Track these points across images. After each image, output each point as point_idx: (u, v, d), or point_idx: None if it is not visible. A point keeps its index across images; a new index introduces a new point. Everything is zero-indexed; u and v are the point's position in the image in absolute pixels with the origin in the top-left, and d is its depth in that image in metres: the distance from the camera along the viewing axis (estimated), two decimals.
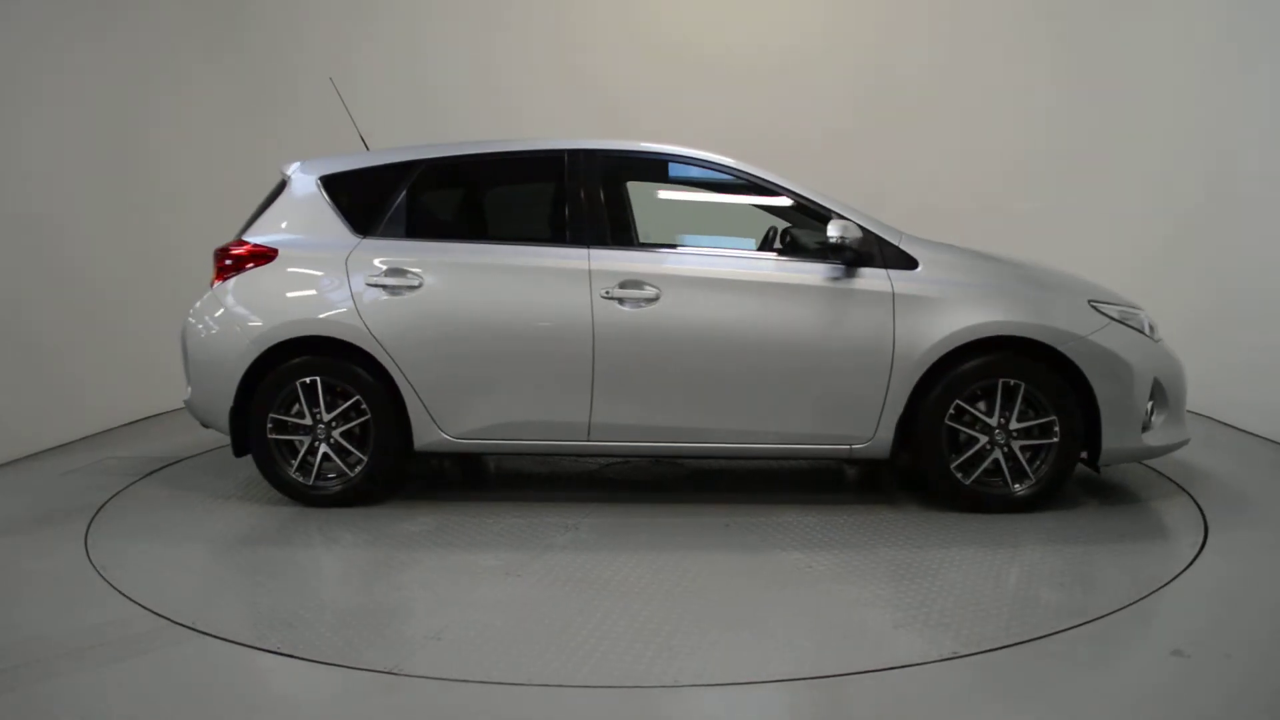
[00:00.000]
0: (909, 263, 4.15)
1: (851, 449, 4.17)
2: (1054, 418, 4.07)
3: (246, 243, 4.37)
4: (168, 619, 3.10)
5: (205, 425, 4.46)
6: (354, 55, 7.19)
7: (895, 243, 4.17)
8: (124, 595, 3.31)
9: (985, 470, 4.14)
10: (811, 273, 4.13)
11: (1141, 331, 4.19)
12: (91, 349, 5.84)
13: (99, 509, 4.30)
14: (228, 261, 4.37)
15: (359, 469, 4.29)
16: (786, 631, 2.99)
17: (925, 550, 3.70)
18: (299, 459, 4.30)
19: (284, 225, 4.40)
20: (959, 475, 4.14)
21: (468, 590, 3.36)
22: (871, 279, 4.11)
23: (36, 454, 5.31)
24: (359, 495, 4.31)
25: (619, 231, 4.30)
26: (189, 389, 4.44)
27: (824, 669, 2.72)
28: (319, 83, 6.70)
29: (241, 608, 3.30)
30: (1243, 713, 2.53)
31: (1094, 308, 4.14)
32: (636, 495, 4.47)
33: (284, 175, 4.53)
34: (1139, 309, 4.30)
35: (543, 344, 4.14)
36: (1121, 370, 4.06)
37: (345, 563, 3.72)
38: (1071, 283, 4.27)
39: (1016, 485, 4.14)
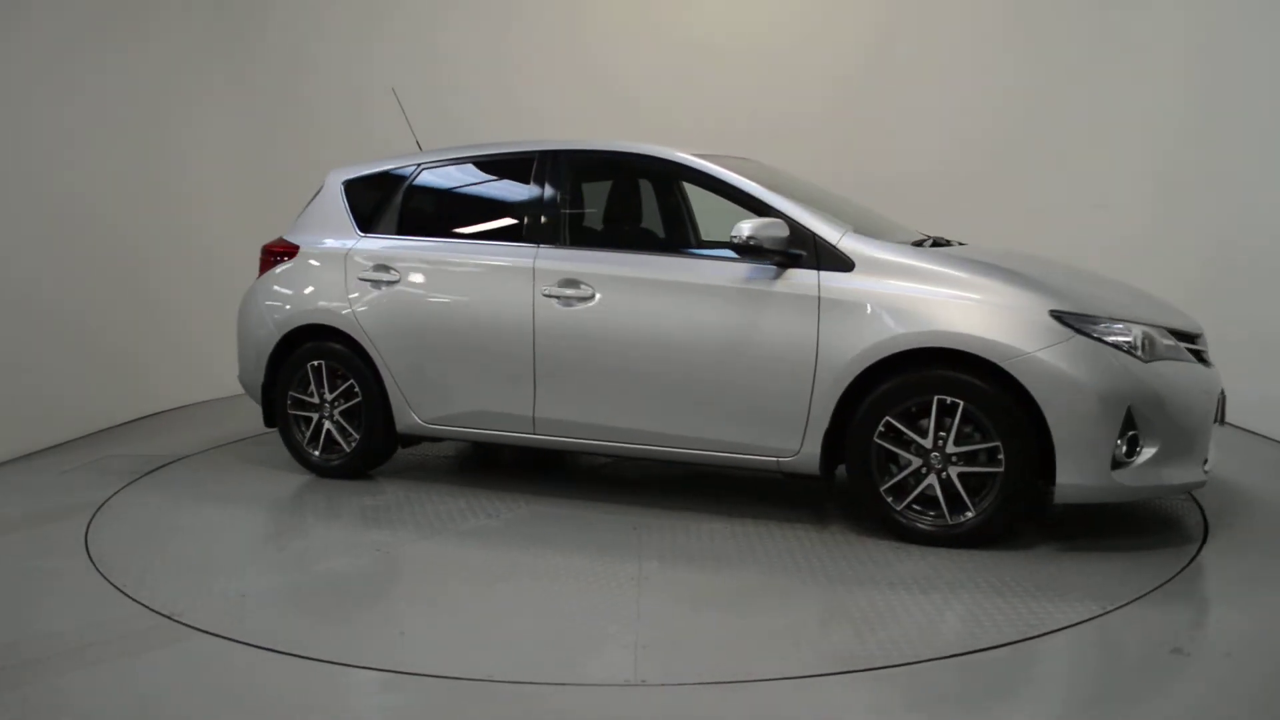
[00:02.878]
0: (845, 264, 3.82)
1: (779, 463, 3.93)
2: (998, 443, 3.56)
3: (281, 241, 4.99)
4: (167, 616, 3.12)
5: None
6: (369, 58, 7.33)
7: (833, 242, 3.86)
8: (124, 593, 3.32)
9: (924, 498, 3.71)
10: (740, 274, 3.93)
11: (1121, 349, 3.52)
12: (92, 349, 5.91)
13: (99, 507, 4.34)
14: (270, 257, 5.02)
15: (354, 446, 4.74)
16: (525, 635, 2.99)
17: (790, 577, 3.43)
18: (309, 433, 4.84)
19: (311, 225, 4.97)
20: (890, 500, 3.75)
21: (323, 560, 3.68)
22: (799, 281, 3.84)
23: (36, 452, 5.34)
24: (355, 469, 4.77)
25: (567, 230, 4.36)
26: (239, 367, 5.14)
27: (496, 674, 2.70)
28: (335, 86, 7.22)
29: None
30: (1243, 711, 2.52)
31: (1056, 318, 3.55)
32: (594, 492, 4.48)
33: (324, 181, 5.10)
34: (1130, 321, 3.61)
35: (495, 338, 4.32)
36: (1078, 393, 3.46)
37: (275, 529, 4.17)
38: (1047, 286, 3.67)
39: (954, 516, 3.67)
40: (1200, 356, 3.92)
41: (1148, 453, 3.53)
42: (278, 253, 4.98)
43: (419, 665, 2.76)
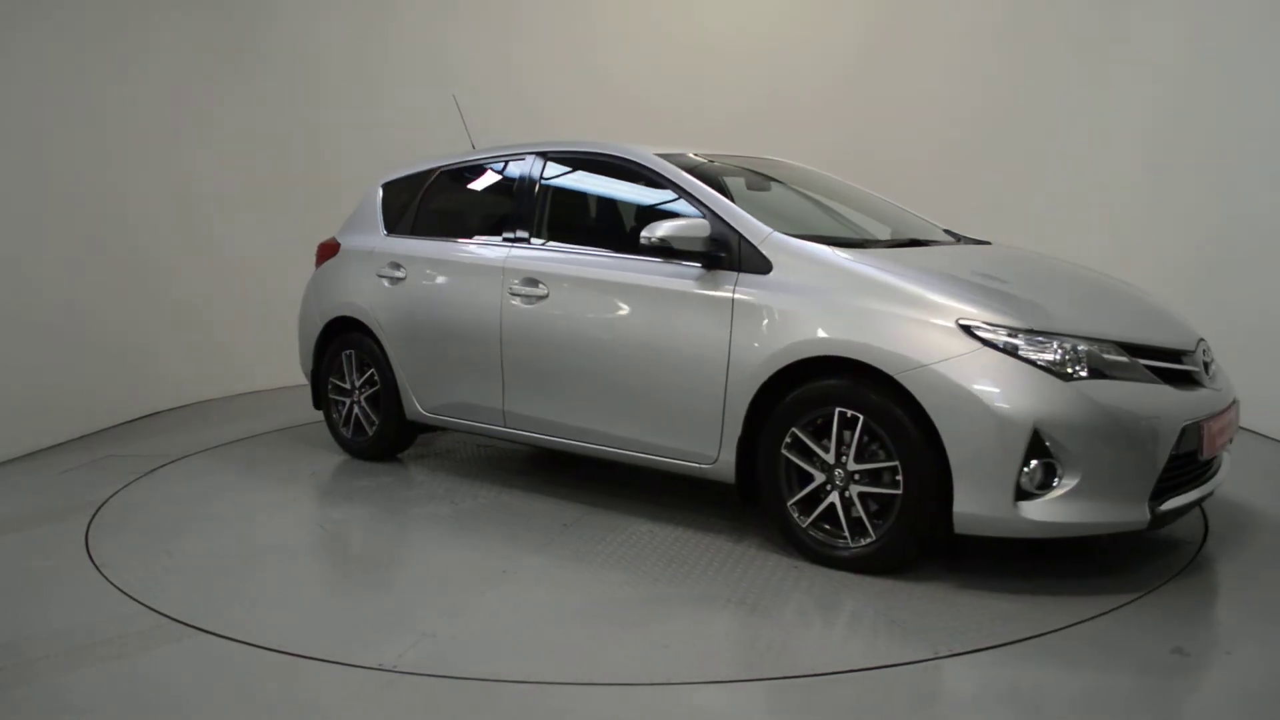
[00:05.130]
0: (764, 266, 3.65)
1: (702, 470, 3.82)
2: (896, 463, 3.28)
3: (332, 239, 5.45)
4: (168, 616, 3.11)
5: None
6: (376, 58, 7.43)
7: (755, 243, 3.69)
8: (124, 593, 3.32)
9: (834, 517, 3.48)
10: (669, 275, 3.86)
11: (1038, 365, 3.12)
12: (93, 348, 5.88)
13: (99, 507, 4.32)
14: (322, 254, 5.49)
15: (373, 429, 5.11)
16: (337, 614, 3.18)
17: (669, 586, 3.34)
18: (344, 416, 5.26)
19: (354, 224, 5.39)
20: (796, 515, 3.55)
21: (261, 531, 4.02)
22: (720, 283, 3.72)
23: (35, 452, 5.32)
24: (380, 452, 5.13)
25: (535, 229, 4.45)
26: (299, 352, 5.65)
27: (288, 646, 2.88)
28: (343, 85, 7.41)
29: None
30: (1243, 710, 2.54)
31: (964, 329, 3.21)
32: (568, 489, 4.53)
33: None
34: (1059, 335, 3.19)
35: (473, 333, 4.51)
36: (977, 412, 3.11)
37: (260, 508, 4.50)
38: (967, 294, 3.32)
39: (855, 539, 3.42)
40: (1188, 377, 3.40)
41: (1067, 484, 3.10)
42: (324, 250, 5.44)
43: (230, 630, 2.99)
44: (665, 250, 3.78)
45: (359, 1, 7.50)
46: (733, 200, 3.91)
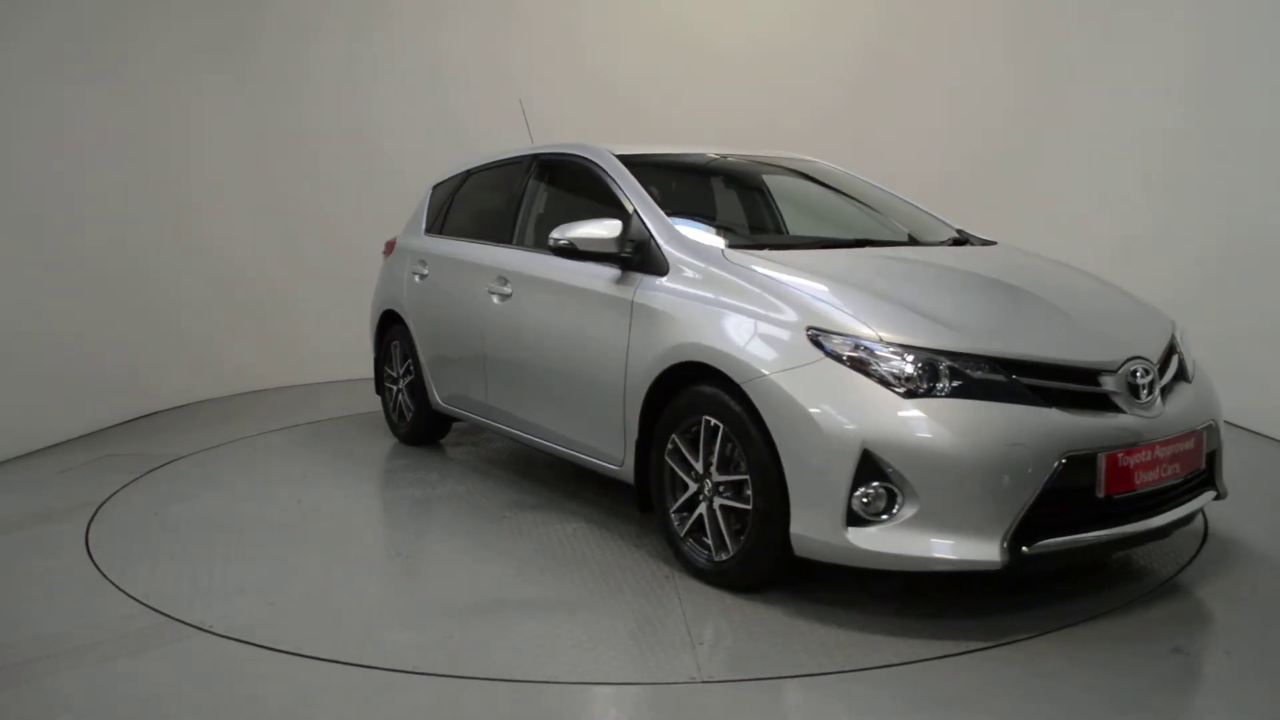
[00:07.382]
0: (663, 268, 3.58)
1: (614, 470, 3.81)
2: (746, 477, 3.13)
3: (393, 238, 5.87)
4: (168, 616, 3.11)
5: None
6: (367, 58, 7.40)
7: (661, 244, 3.62)
8: (124, 592, 3.31)
9: (703, 527, 3.37)
10: (590, 275, 3.87)
11: (884, 379, 2.86)
12: (89, 346, 5.87)
13: (99, 506, 4.32)
14: (387, 250, 5.93)
15: (410, 416, 5.47)
16: (218, 580, 3.44)
17: (520, 582, 3.40)
18: (393, 402, 5.66)
19: (409, 224, 5.76)
20: (675, 523, 3.46)
21: (261, 503, 4.39)
22: (625, 285, 3.69)
23: (35, 452, 5.33)
24: (419, 437, 5.48)
25: (517, 230, 4.58)
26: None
27: (147, 599, 3.23)
28: (333, 85, 7.42)
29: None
30: (1243, 710, 2.56)
31: (812, 338, 3.00)
32: (541, 483, 4.64)
33: None
34: (916, 348, 2.88)
35: (467, 327, 4.73)
36: (807, 427, 2.91)
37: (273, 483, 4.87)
38: (833, 300, 3.09)
39: (719, 553, 3.28)
40: (1105, 400, 2.96)
41: (905, 513, 2.82)
42: (388, 246, 5.86)
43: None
44: (563, 252, 3.79)
45: (349, 3, 7.46)
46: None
